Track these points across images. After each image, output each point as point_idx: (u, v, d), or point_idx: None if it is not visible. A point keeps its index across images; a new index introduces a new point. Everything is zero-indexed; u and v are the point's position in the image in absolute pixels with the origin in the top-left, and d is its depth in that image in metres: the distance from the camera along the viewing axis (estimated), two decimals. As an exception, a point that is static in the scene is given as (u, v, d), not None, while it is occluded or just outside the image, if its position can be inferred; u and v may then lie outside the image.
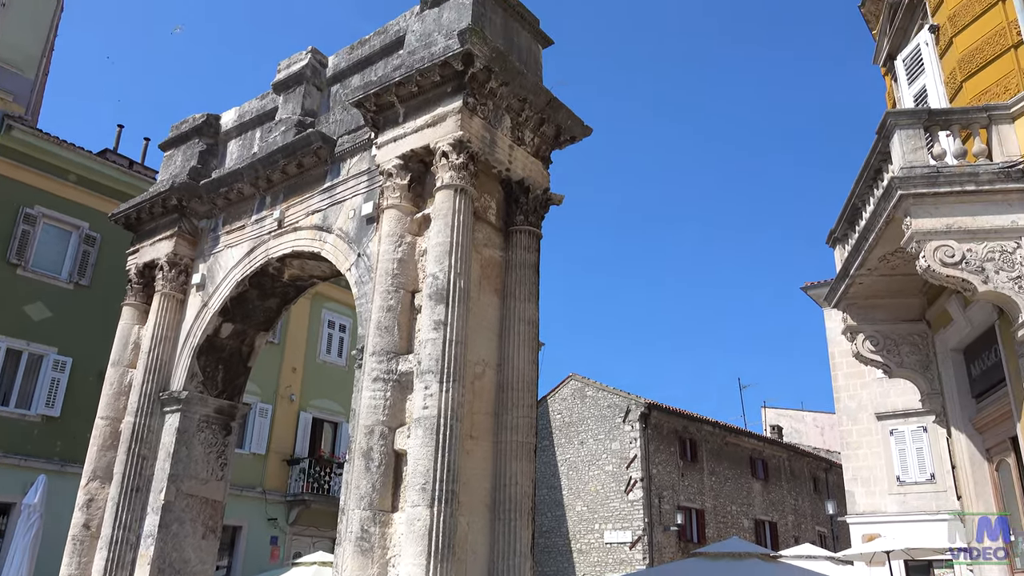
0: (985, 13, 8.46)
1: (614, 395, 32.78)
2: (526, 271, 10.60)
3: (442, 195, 9.92)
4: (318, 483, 24.14)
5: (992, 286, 7.19)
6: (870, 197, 8.66)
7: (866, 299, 9.68)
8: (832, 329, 23.09)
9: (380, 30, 12.97)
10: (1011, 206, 7.43)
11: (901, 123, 7.80)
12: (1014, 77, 7.98)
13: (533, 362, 10.26)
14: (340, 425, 25.36)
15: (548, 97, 11.20)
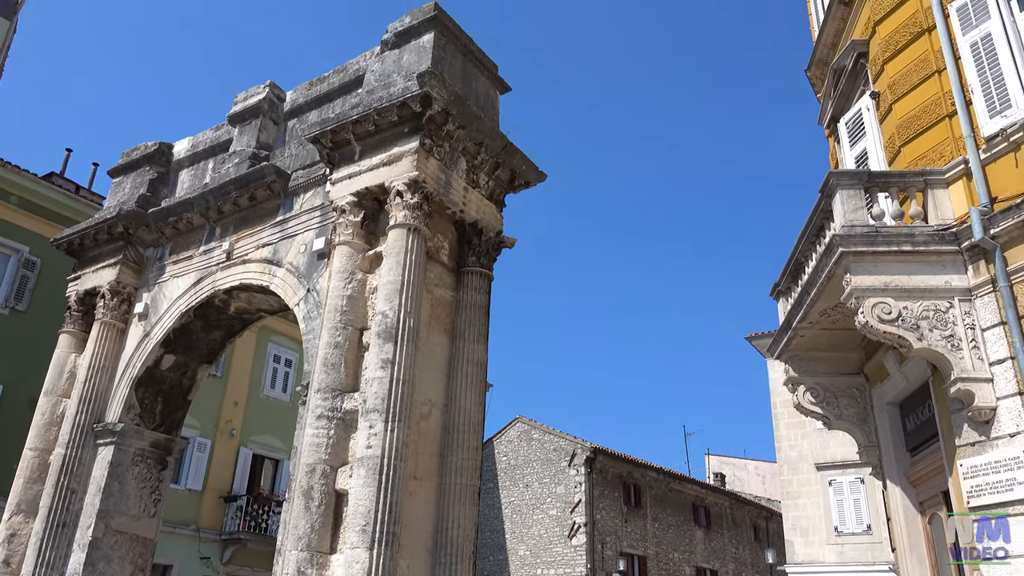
0: (922, 83, 8.90)
1: (560, 438, 32.72)
2: (476, 312, 10.63)
3: (395, 234, 9.93)
4: (256, 521, 23.44)
5: (926, 343, 7.45)
6: (812, 253, 8.93)
7: (807, 351, 9.91)
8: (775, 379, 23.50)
9: (339, 68, 13.04)
10: (945, 267, 7.75)
11: (843, 183, 8.10)
12: (948, 145, 8.38)
13: (480, 403, 10.22)
14: (281, 462, 24.75)
15: (504, 142, 11.36)
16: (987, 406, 7.20)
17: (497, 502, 32.98)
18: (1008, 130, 7.67)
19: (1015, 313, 7.18)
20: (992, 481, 7.06)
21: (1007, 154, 7.71)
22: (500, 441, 34.40)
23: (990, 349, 7.36)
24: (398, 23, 11.74)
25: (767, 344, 16.70)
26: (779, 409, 23.98)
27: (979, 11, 8.31)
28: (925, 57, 8.91)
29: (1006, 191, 7.59)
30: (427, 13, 11.40)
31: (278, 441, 24.54)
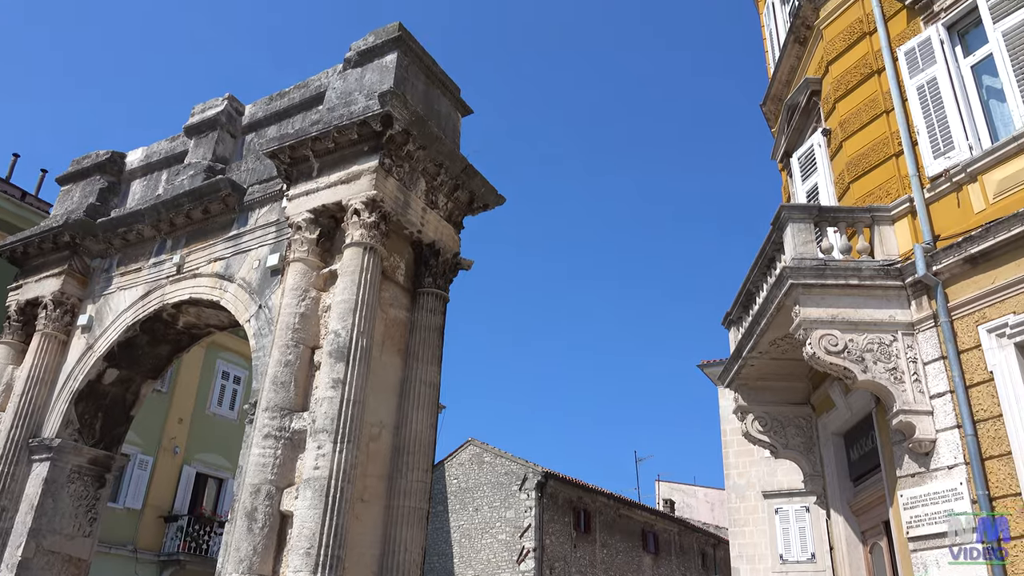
0: (872, 122, 9.18)
1: (512, 462, 32.58)
2: (431, 333, 10.57)
3: (351, 252, 9.85)
4: (196, 542, 22.80)
5: (871, 376, 7.62)
6: (764, 284, 9.10)
7: (756, 380, 10.06)
8: (725, 407, 23.78)
9: (300, 84, 12.97)
10: (889, 302, 7.95)
11: (794, 217, 8.29)
12: (895, 183, 8.64)
13: (432, 425, 10.14)
14: (226, 481, 24.17)
15: (464, 164, 11.40)
16: (927, 438, 7.37)
17: (446, 526, 32.63)
18: (951, 171, 7.94)
19: (955, 348, 7.39)
20: (930, 512, 7.22)
21: (950, 194, 7.98)
22: (451, 464, 34.11)
23: (931, 383, 7.56)
24: (361, 42, 11.74)
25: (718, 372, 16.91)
26: (729, 437, 24.23)
27: (926, 56, 8.62)
28: (874, 98, 9.20)
29: (948, 230, 7.84)
30: (391, 33, 11.43)
31: (223, 460, 23.99)
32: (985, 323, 7.19)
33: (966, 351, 7.32)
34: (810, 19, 10.69)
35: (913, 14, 8.99)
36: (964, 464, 7.06)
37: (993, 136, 7.93)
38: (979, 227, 7.32)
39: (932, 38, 8.61)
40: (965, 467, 7.05)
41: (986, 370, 7.09)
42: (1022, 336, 6.89)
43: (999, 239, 7.08)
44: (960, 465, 7.10)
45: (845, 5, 10.00)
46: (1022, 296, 6.92)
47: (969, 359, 7.28)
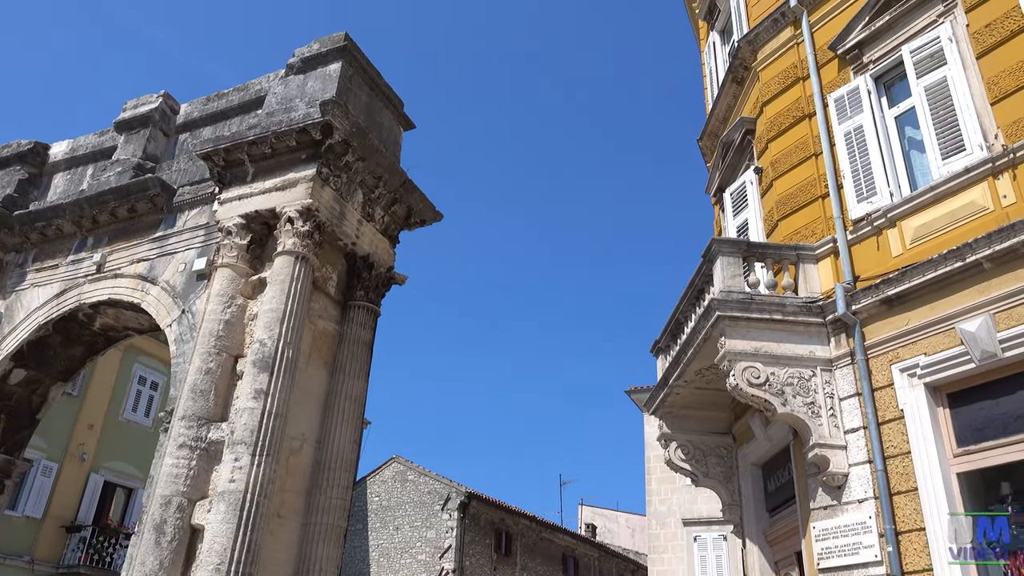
0: (801, 164, 9.51)
1: (436, 481, 32.25)
2: (360, 347, 10.42)
3: (282, 260, 9.66)
4: (100, 555, 21.78)
5: (789, 409, 7.82)
6: (692, 314, 9.28)
7: (681, 409, 10.22)
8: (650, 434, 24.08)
9: (240, 87, 12.72)
10: (810, 338, 8.21)
11: (724, 251, 8.49)
12: (820, 224, 8.95)
13: (356, 441, 9.96)
14: (136, 492, 23.20)
15: (403, 178, 11.33)
16: (840, 472, 7.60)
17: (365, 544, 32.01)
18: (873, 216, 8.28)
19: (869, 385, 7.66)
20: (841, 544, 7.42)
21: (870, 237, 8.31)
22: (374, 481, 33.55)
23: (846, 418, 7.81)
24: (306, 49, 11.60)
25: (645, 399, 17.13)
26: (652, 463, 24.52)
27: (854, 104, 9.00)
28: (804, 140, 9.54)
29: (868, 271, 8.15)
30: (337, 42, 11.33)
31: (134, 469, 23.04)
32: (898, 363, 7.48)
33: (880, 389, 7.60)
34: (748, 60, 11.05)
35: (844, 64, 9.38)
36: (874, 498, 7.30)
37: (912, 185, 8.30)
38: (896, 270, 7.63)
39: (860, 88, 8.99)
40: (874, 501, 7.28)
41: (897, 408, 7.37)
42: (932, 377, 7.19)
43: (914, 283, 7.39)
44: (870, 499, 7.34)
45: (781, 50, 10.37)
46: (934, 338, 7.23)
47: (882, 397, 7.55)
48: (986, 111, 7.60)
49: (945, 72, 8.09)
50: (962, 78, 7.90)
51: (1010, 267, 6.76)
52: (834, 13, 9.74)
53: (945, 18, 8.33)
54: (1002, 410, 6.78)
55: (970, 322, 6.90)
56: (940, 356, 7.12)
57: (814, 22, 10.00)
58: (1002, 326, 6.69)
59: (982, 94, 7.69)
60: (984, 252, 6.86)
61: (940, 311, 7.21)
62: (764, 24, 10.65)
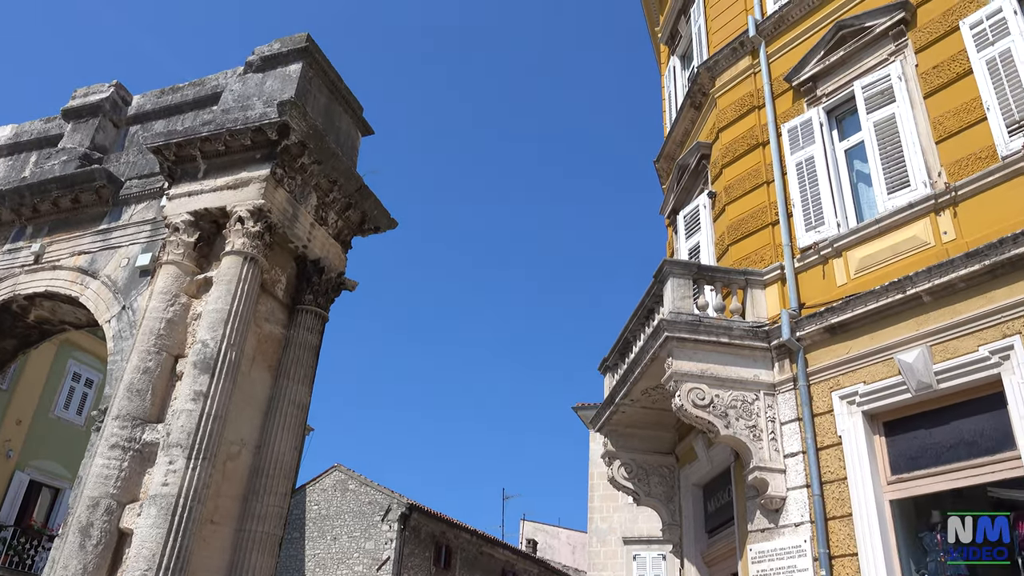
0: (753, 191, 9.70)
1: (377, 491, 31.84)
2: (306, 352, 10.25)
3: (230, 260, 9.46)
4: (20, 557, 20.90)
5: (732, 431, 7.92)
6: (641, 333, 9.35)
7: (626, 427, 10.27)
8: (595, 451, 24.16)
9: (197, 82, 12.48)
10: (755, 362, 8.33)
11: (675, 272, 8.59)
12: (769, 250, 9.12)
13: (296, 448, 9.77)
14: (63, 492, 22.37)
15: (359, 183, 11.23)
16: (778, 495, 7.71)
17: (301, 553, 31.40)
18: (820, 245, 8.47)
19: (810, 411, 7.80)
20: (776, 567, 7.52)
21: (816, 266, 8.49)
22: (313, 489, 32.97)
23: (786, 442, 7.94)
24: (266, 47, 11.44)
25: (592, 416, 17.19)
26: (596, 480, 24.61)
27: (806, 135, 9.21)
28: (757, 168, 9.73)
29: (813, 299, 8.33)
30: (298, 43, 11.20)
31: (62, 468, 22.22)
32: (838, 390, 7.64)
33: (820, 415, 7.74)
34: (706, 87, 11.25)
35: (798, 95, 9.61)
36: (810, 522, 7.41)
37: (859, 216, 8.52)
38: (840, 299, 7.81)
39: (813, 120, 9.22)
40: (810, 525, 7.40)
41: (836, 434, 7.51)
42: (870, 405, 7.35)
43: (856, 312, 7.57)
44: (806, 523, 7.45)
45: (739, 78, 10.58)
46: (873, 367, 7.40)
47: (822, 423, 7.69)
48: (931, 149, 7.85)
49: (894, 109, 8.33)
50: (910, 116, 8.15)
51: (948, 301, 6.96)
52: (791, 46, 9.98)
53: (896, 57, 8.59)
54: (935, 440, 6.96)
55: (908, 353, 7.08)
56: (878, 385, 7.29)
57: (771, 53, 10.23)
58: (938, 358, 6.89)
59: (928, 132, 7.95)
60: (924, 286, 7.06)
61: (880, 341, 7.39)
62: (723, 52, 10.86)
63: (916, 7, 8.58)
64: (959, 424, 6.82)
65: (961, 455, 6.70)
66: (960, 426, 6.81)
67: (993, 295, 6.65)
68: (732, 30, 11.06)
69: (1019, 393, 6.22)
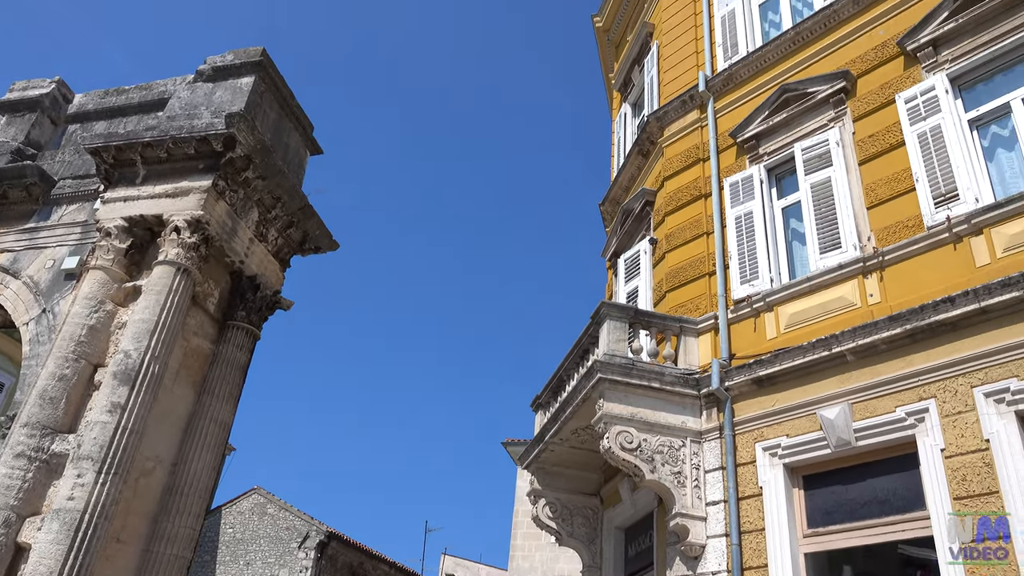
0: (693, 240, 9.92)
1: (297, 517, 30.98)
2: (233, 370, 9.98)
3: (161, 270, 9.20)
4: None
5: (657, 476, 7.98)
6: (575, 373, 9.39)
7: (554, 466, 10.26)
8: (521, 488, 24.04)
9: (144, 85, 12.23)
10: (684, 409, 8.44)
11: (612, 315, 8.68)
12: (705, 300, 9.32)
13: (215, 468, 9.46)
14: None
15: (303, 202, 11.09)
16: (698, 543, 7.78)
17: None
18: (753, 298, 8.68)
19: (733, 461, 7.92)
20: (692, 615, 7.55)
21: (749, 318, 8.70)
22: (230, 511, 31.90)
23: (709, 490, 8.03)
24: (219, 57, 11.30)
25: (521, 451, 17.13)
26: (520, 518, 24.44)
27: (746, 190, 9.49)
28: (699, 219, 9.96)
29: (743, 350, 8.51)
30: (252, 56, 11.09)
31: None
32: (762, 441, 7.78)
33: (743, 465, 7.87)
34: (655, 135, 11.52)
35: (742, 152, 9.92)
36: (727, 572, 7.48)
37: (792, 273, 8.78)
38: (769, 353, 8.00)
39: (754, 176, 9.51)
40: (727, 575, 7.47)
41: (757, 485, 7.64)
42: (791, 458, 7.51)
43: (783, 367, 7.76)
44: (723, 572, 7.52)
45: (687, 130, 10.87)
46: (796, 421, 7.58)
47: (744, 473, 7.81)
48: (863, 214, 8.16)
49: (830, 173, 8.66)
50: (844, 180, 8.48)
51: (870, 362, 7.19)
52: (738, 103, 10.32)
53: (835, 123, 8.96)
54: (850, 496, 7.13)
55: (830, 409, 7.27)
56: (800, 439, 7.46)
57: (719, 108, 10.56)
58: (858, 416, 7.09)
59: (861, 198, 8.27)
60: (848, 345, 7.28)
61: (805, 396, 7.58)
62: (674, 103, 11.15)
63: (856, 78, 8.98)
64: (874, 482, 7.01)
65: (874, 512, 6.88)
66: (875, 484, 7.00)
67: (912, 359, 6.90)
68: (683, 83, 11.38)
69: (931, 455, 6.44)
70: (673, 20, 12.38)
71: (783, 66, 10.01)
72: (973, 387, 6.42)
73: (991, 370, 6.37)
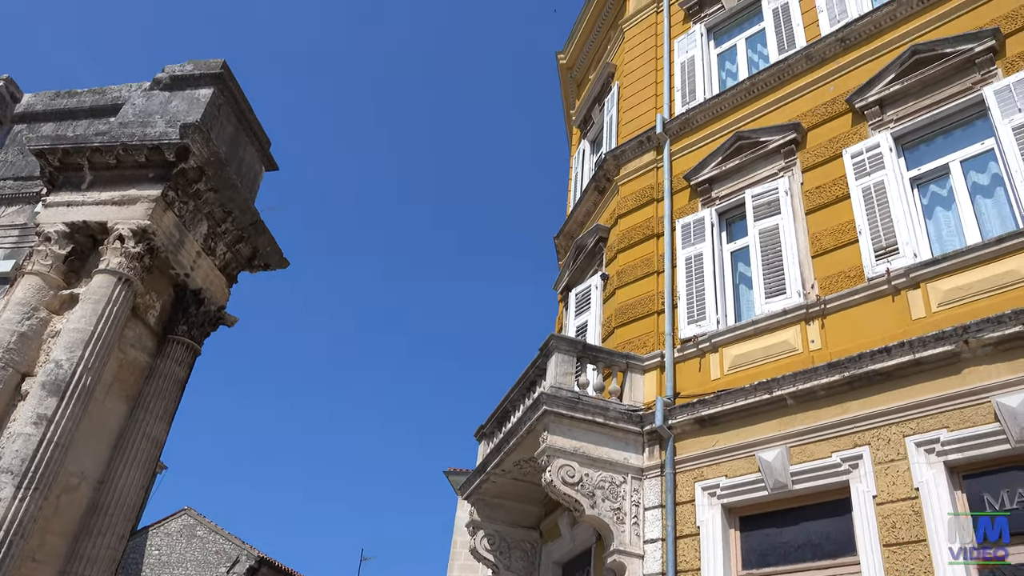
0: (643, 278, 10.04)
1: (227, 541, 30.07)
2: (170, 385, 9.72)
3: (101, 279, 8.95)
4: None
5: (597, 512, 7.97)
6: (521, 404, 9.36)
7: (494, 497, 10.17)
8: (461, 519, 23.74)
9: (97, 90, 11.98)
10: (627, 445, 8.47)
11: (561, 348, 8.71)
12: (652, 337, 9.41)
13: (144, 486, 9.15)
14: None
15: (255, 218, 10.94)
16: (635, 581, 7.76)
17: (134, 601, 29.07)
18: (699, 338, 8.80)
19: (673, 499, 7.96)
20: (625, 654, 7.50)
21: (694, 358, 8.81)
22: (157, 532, 30.80)
23: (647, 528, 8.04)
24: (178, 67, 11.14)
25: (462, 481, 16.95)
26: (458, 548, 24.08)
27: (697, 233, 9.67)
28: (650, 257, 10.10)
29: (687, 389, 8.60)
30: (212, 68, 10.97)
31: None
32: (702, 481, 7.84)
33: (682, 504, 7.90)
34: (611, 173, 11.68)
35: (695, 194, 10.12)
36: (662, 611, 7.47)
37: (738, 316, 8.94)
38: (712, 393, 8.10)
39: (705, 219, 9.70)
40: (662, 614, 7.45)
41: (695, 524, 7.68)
42: (729, 499, 7.57)
43: (725, 407, 7.86)
44: (658, 612, 7.51)
45: (643, 170, 11.06)
46: (736, 462, 7.66)
47: (683, 512, 7.85)
48: (807, 262, 8.37)
49: (779, 220, 8.88)
50: (791, 229, 8.70)
51: (809, 407, 7.33)
52: (694, 147, 10.55)
53: (785, 173, 9.21)
54: (784, 539, 7.22)
55: (769, 452, 7.37)
56: (739, 480, 7.53)
57: (675, 151, 10.78)
58: (795, 460, 7.20)
59: (806, 246, 8.49)
60: (789, 389, 7.42)
61: (745, 437, 7.67)
62: (631, 143, 11.35)
63: (807, 130, 9.27)
64: (808, 525, 7.11)
65: (807, 556, 6.97)
66: (809, 527, 7.09)
67: (849, 405, 7.06)
68: (641, 124, 11.60)
69: (863, 501, 6.56)
70: (635, 63, 12.65)
71: (738, 114, 10.29)
72: (906, 436, 6.58)
73: (923, 420, 6.54)
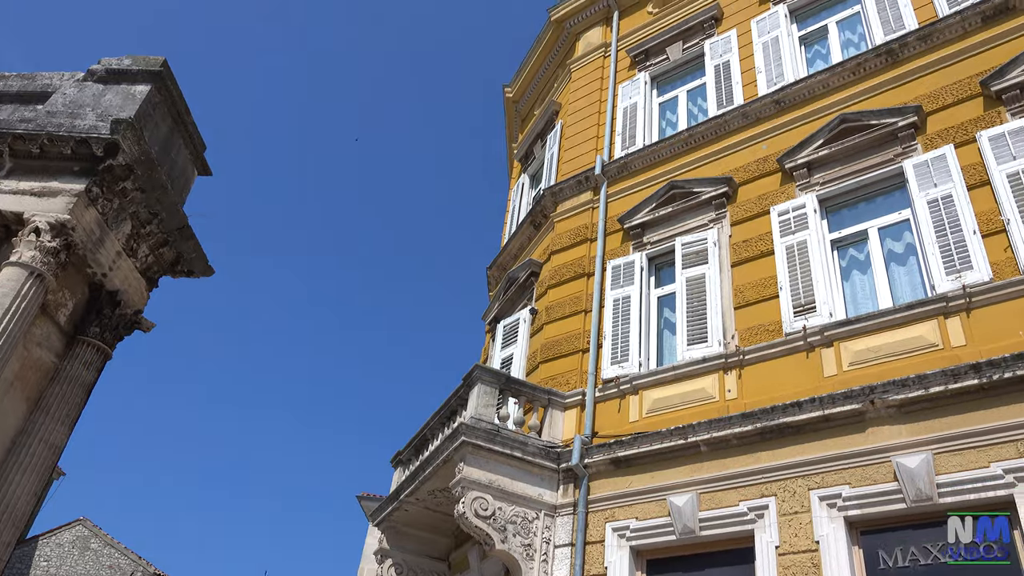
0: (571, 316, 10.15)
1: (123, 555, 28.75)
2: (76, 388, 9.30)
3: (12, 272, 8.54)
4: None
5: (507, 547, 7.93)
6: (440, 433, 9.30)
7: (405, 526, 10.03)
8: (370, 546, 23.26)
9: (26, 75, 11.50)
10: (543, 481, 8.49)
11: (484, 379, 8.70)
12: (575, 375, 9.50)
13: (35, 494, 8.69)
14: None
15: (182, 222, 10.64)
16: (540, 619, 7.74)
17: (14, 614, 27.39)
18: (621, 379, 8.93)
19: (583, 538, 7.99)
20: None
21: (615, 399, 8.92)
22: (47, 542, 29.21)
23: (556, 566, 8.04)
24: (115, 60, 10.82)
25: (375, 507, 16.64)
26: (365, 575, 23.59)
27: (627, 275, 9.85)
28: (579, 296, 10.23)
29: (606, 429, 8.69)
30: (152, 64, 10.69)
31: None
32: (613, 521, 7.90)
33: (592, 543, 7.94)
34: (548, 209, 11.83)
35: (627, 238, 10.32)
36: (564, 651, 7.45)
37: (660, 360, 9.11)
38: (629, 435, 8.20)
39: (636, 263, 9.89)
40: (564, 654, 7.43)
41: (603, 565, 7.71)
42: (638, 541, 7.64)
43: (641, 450, 7.97)
44: (560, 651, 7.49)
45: (579, 209, 11.23)
46: (647, 505, 7.75)
47: (592, 551, 7.88)
48: (730, 313, 8.61)
49: (705, 270, 9.13)
50: (717, 279, 8.95)
51: (721, 454, 7.50)
52: (630, 191, 10.78)
53: (715, 224, 9.49)
54: (690, 584, 7.31)
55: (680, 497, 7.49)
56: (649, 523, 7.62)
57: (611, 193, 10.99)
58: (705, 506, 7.33)
59: (730, 297, 8.74)
60: (703, 436, 7.58)
61: (658, 481, 7.79)
62: (569, 182, 11.53)
63: (739, 185, 9.59)
64: (713, 572, 7.23)
65: (710, 602, 7.07)
66: (713, 574, 7.21)
67: (759, 456, 7.24)
68: (581, 164, 11.81)
69: (766, 551, 6.72)
70: (580, 103, 12.91)
71: (674, 163, 10.58)
72: (811, 489, 6.78)
73: (827, 475, 6.76)
